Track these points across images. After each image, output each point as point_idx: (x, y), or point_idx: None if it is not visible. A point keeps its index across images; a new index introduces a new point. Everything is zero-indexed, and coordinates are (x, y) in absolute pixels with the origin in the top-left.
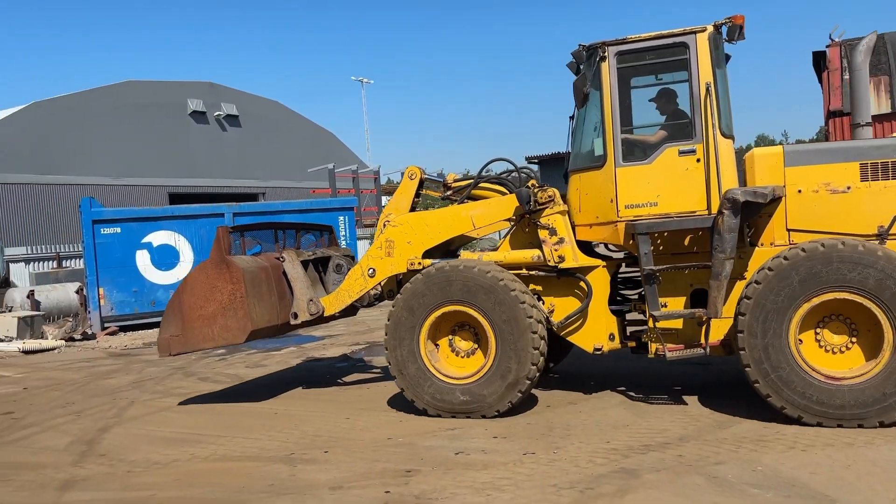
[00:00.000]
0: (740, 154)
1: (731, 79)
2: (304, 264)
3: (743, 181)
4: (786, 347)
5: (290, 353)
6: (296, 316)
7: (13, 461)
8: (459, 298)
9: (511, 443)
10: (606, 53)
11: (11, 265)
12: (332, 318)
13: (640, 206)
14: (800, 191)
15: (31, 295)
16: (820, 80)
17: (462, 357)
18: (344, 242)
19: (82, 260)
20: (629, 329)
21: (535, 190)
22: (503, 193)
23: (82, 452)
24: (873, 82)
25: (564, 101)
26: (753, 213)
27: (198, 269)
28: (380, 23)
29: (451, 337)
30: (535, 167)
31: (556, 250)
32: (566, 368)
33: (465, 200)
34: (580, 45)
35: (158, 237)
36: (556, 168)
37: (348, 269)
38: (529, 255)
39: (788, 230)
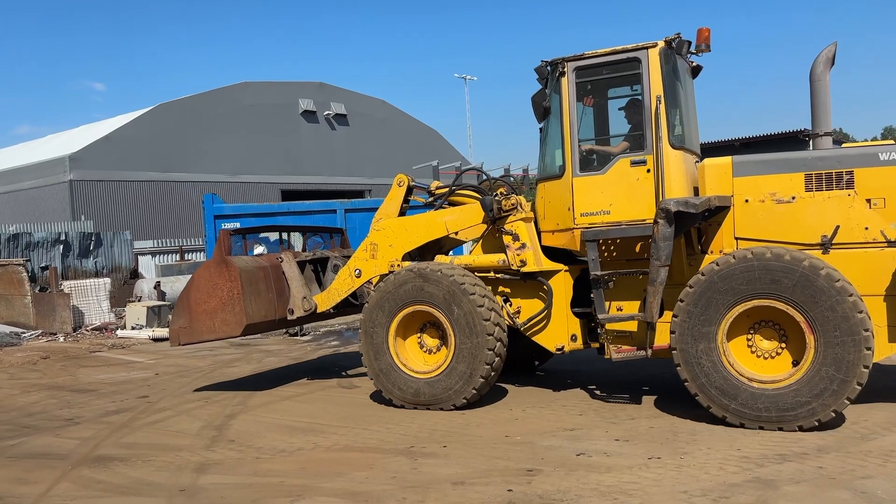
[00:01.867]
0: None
1: (858, 71)
2: (302, 264)
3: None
4: (717, 360)
5: None
6: (292, 312)
7: (152, 442)
8: (421, 299)
9: (634, 446)
10: (565, 69)
11: (140, 257)
12: (328, 315)
13: (595, 214)
14: (747, 200)
15: (157, 286)
16: None
17: (432, 353)
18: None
19: (203, 253)
20: (598, 330)
21: (500, 198)
22: (477, 200)
23: (213, 437)
24: None
25: None
26: (691, 222)
27: (202, 268)
28: (484, 20)
29: (419, 334)
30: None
31: (518, 255)
32: None
33: (444, 206)
34: (542, 61)
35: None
36: None
37: None
38: (495, 259)
39: (737, 238)
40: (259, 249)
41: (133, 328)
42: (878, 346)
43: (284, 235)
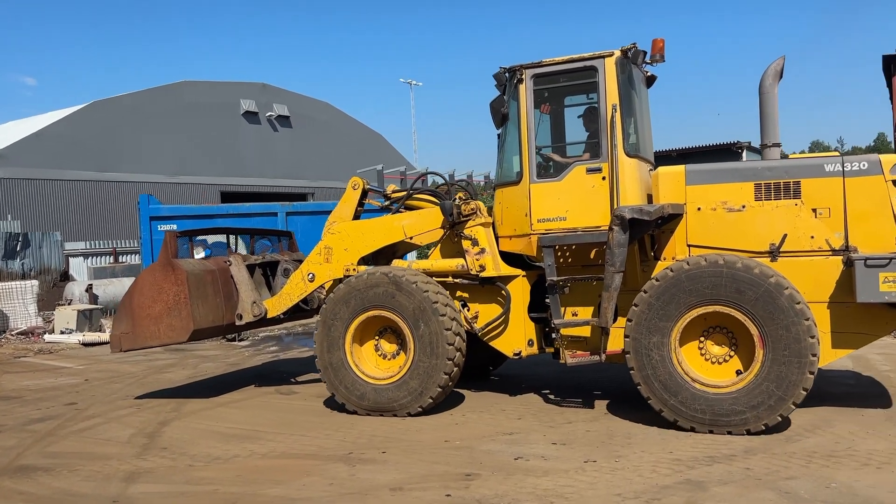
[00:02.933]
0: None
1: (790, 85)
2: (251, 268)
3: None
4: (667, 355)
5: None
6: (240, 317)
7: (79, 451)
8: (390, 306)
9: (571, 450)
10: (523, 76)
11: (70, 259)
12: (278, 320)
13: (551, 220)
14: (699, 208)
15: (89, 289)
16: (889, 85)
17: (386, 359)
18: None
19: (138, 255)
20: (553, 335)
21: (460, 202)
22: (435, 205)
23: (144, 445)
24: None
25: None
26: (645, 229)
27: (147, 272)
28: (429, 25)
29: (377, 340)
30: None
31: (477, 260)
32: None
33: (401, 210)
34: (501, 67)
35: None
36: None
37: None
38: (454, 263)
39: (689, 246)
40: (199, 255)
41: (62, 332)
42: (821, 351)
43: (227, 238)
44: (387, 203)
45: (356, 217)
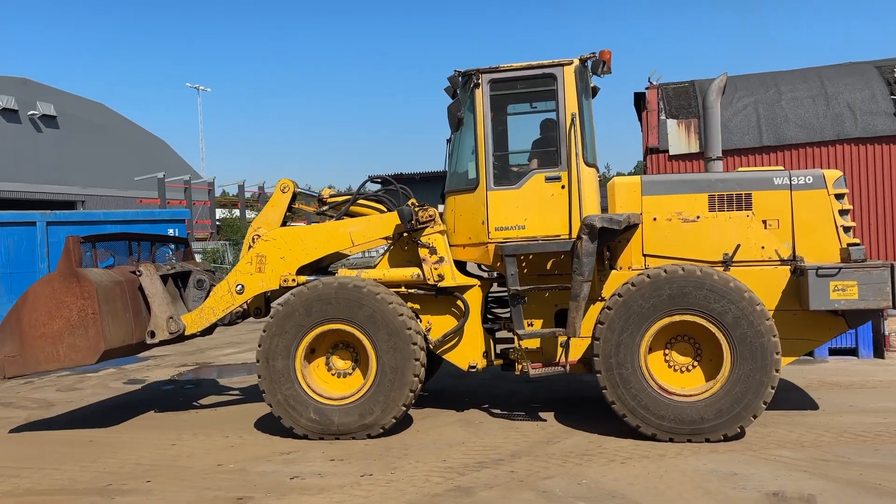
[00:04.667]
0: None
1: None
2: (164, 279)
3: (607, 208)
4: (638, 369)
5: (108, 375)
6: (153, 334)
7: None
8: (340, 317)
9: (348, 465)
10: (480, 81)
11: None
12: (193, 336)
13: (509, 228)
14: (655, 218)
15: None
16: (640, 119)
17: (340, 377)
18: (173, 257)
19: None
20: (499, 347)
21: (416, 209)
22: (380, 211)
23: None
24: (684, 124)
25: (408, 120)
26: (610, 238)
27: (42, 283)
28: (220, 31)
29: (328, 357)
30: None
31: (435, 269)
32: None
33: (343, 216)
34: (456, 70)
35: None
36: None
37: (210, 285)
38: (409, 273)
39: (644, 255)
40: None
41: None
42: None
43: (128, 245)
44: (324, 209)
45: (285, 223)
